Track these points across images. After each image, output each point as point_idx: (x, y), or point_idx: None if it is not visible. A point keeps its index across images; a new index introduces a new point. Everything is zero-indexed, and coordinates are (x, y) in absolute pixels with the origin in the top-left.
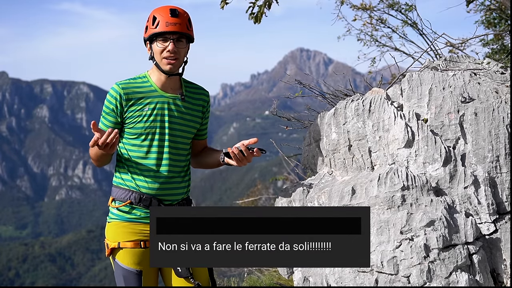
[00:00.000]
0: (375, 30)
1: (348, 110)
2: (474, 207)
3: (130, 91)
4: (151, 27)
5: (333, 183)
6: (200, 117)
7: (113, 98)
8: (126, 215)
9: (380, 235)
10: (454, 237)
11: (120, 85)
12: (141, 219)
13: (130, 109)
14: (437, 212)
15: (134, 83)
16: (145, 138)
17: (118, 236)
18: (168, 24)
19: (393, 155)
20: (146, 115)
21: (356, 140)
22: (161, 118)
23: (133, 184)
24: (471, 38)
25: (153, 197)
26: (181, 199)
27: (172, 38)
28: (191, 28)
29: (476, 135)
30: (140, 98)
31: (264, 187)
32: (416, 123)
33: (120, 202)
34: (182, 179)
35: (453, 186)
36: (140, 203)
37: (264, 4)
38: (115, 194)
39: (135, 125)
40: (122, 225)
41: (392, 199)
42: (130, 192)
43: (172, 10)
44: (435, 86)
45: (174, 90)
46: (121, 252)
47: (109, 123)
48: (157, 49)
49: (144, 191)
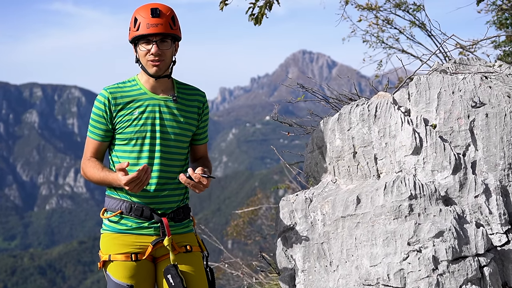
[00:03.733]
0: (381, 31)
1: (353, 115)
2: (485, 217)
3: (118, 96)
4: (133, 30)
5: (337, 192)
6: (196, 119)
7: (102, 104)
8: (117, 226)
9: (387, 246)
10: (464, 248)
11: (108, 90)
12: (133, 230)
13: (119, 114)
14: (446, 222)
15: (122, 87)
16: (135, 143)
17: (110, 248)
18: (149, 25)
19: (400, 163)
20: (135, 119)
21: (361, 146)
22: (151, 121)
23: (123, 192)
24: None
25: (145, 206)
26: (176, 208)
27: (155, 40)
28: (176, 26)
29: (487, 142)
30: (129, 102)
31: (264, 196)
32: (424, 129)
33: (111, 213)
34: (177, 186)
35: (463, 195)
36: (131, 212)
37: (264, 5)
38: (107, 204)
39: (125, 129)
40: (113, 236)
41: (399, 209)
42: (121, 202)
43: (153, 9)
44: (444, 90)
45: (165, 92)
46: (112, 265)
47: (100, 131)
48: (141, 53)
49: (135, 200)
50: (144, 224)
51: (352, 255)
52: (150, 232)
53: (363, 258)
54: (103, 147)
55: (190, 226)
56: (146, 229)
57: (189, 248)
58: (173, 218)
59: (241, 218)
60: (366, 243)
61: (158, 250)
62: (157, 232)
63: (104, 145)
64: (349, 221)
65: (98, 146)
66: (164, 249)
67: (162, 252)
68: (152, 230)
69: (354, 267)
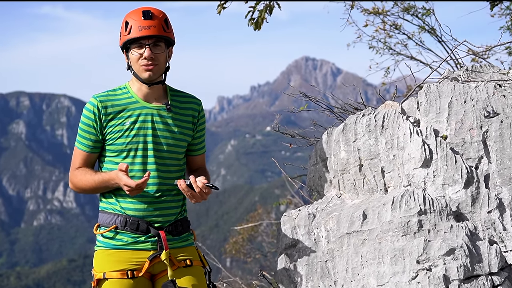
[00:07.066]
0: (389, 37)
1: (359, 125)
2: (498, 234)
3: (108, 104)
4: (124, 34)
5: (342, 207)
6: (191, 129)
7: (91, 113)
8: (111, 242)
9: (395, 264)
10: (477, 267)
11: (98, 98)
12: (129, 246)
13: (110, 124)
14: (458, 239)
15: (113, 95)
16: (127, 155)
17: (104, 265)
18: (141, 28)
19: (409, 176)
20: (127, 130)
21: (367, 159)
22: (144, 132)
23: (117, 206)
24: (495, 45)
25: (141, 220)
26: (174, 220)
27: (148, 43)
28: (169, 30)
29: (501, 154)
30: (120, 111)
31: (265, 211)
32: (434, 140)
33: (105, 228)
34: (172, 198)
35: (476, 211)
36: (127, 226)
37: (265, 9)
38: (100, 219)
39: (115, 141)
40: (108, 253)
41: (407, 225)
42: (115, 216)
43: (145, 12)
44: (455, 99)
45: (158, 100)
46: (106, 283)
47: (88, 142)
48: (133, 57)
49: (130, 214)
50: (141, 239)
51: (358, 274)
52: (147, 247)
53: (369, 277)
54: (93, 158)
55: (190, 240)
56: (142, 243)
57: (189, 262)
58: (171, 231)
59: (241, 234)
60: (372, 261)
61: (156, 266)
62: (155, 246)
63: (94, 156)
64: (354, 238)
65: (87, 157)
66: (163, 265)
67: (160, 268)
68: (149, 244)
69: (360, 286)
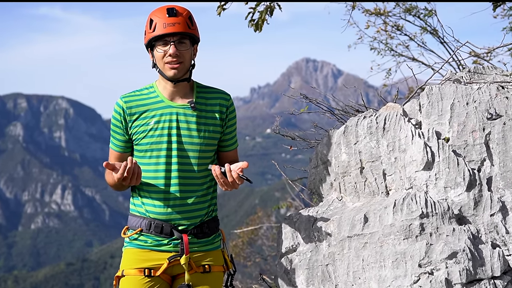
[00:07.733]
0: (390, 38)
1: (360, 128)
2: (501, 237)
3: (133, 105)
4: (148, 32)
5: (343, 210)
6: (219, 125)
7: (117, 114)
8: (136, 242)
9: (396, 268)
10: (479, 270)
11: (123, 99)
12: (154, 247)
13: (135, 124)
14: (460, 242)
15: (138, 95)
16: (151, 155)
17: (125, 263)
18: (166, 25)
19: (411, 179)
20: (150, 130)
21: (368, 161)
22: (168, 131)
23: (143, 209)
24: (498, 47)
25: (165, 223)
26: (200, 222)
27: (173, 40)
28: (194, 27)
29: (504, 156)
30: (144, 112)
31: (265, 214)
32: (436, 143)
33: (132, 231)
34: (199, 200)
35: (478, 214)
36: (151, 230)
37: (265, 10)
38: (129, 222)
39: (140, 141)
40: (132, 251)
41: (409, 228)
42: (141, 219)
43: (169, 9)
44: (457, 101)
45: (184, 98)
46: (123, 279)
47: (118, 142)
48: (158, 55)
49: (154, 217)
50: (164, 241)
51: (359, 278)
52: (170, 249)
53: (371, 281)
54: (125, 158)
55: (216, 242)
56: (165, 245)
57: (207, 268)
58: (196, 234)
59: (240, 238)
60: (374, 265)
61: (176, 267)
62: (177, 248)
63: (126, 156)
64: (356, 241)
65: (120, 157)
66: (182, 267)
67: (179, 270)
68: (171, 246)
69: None
